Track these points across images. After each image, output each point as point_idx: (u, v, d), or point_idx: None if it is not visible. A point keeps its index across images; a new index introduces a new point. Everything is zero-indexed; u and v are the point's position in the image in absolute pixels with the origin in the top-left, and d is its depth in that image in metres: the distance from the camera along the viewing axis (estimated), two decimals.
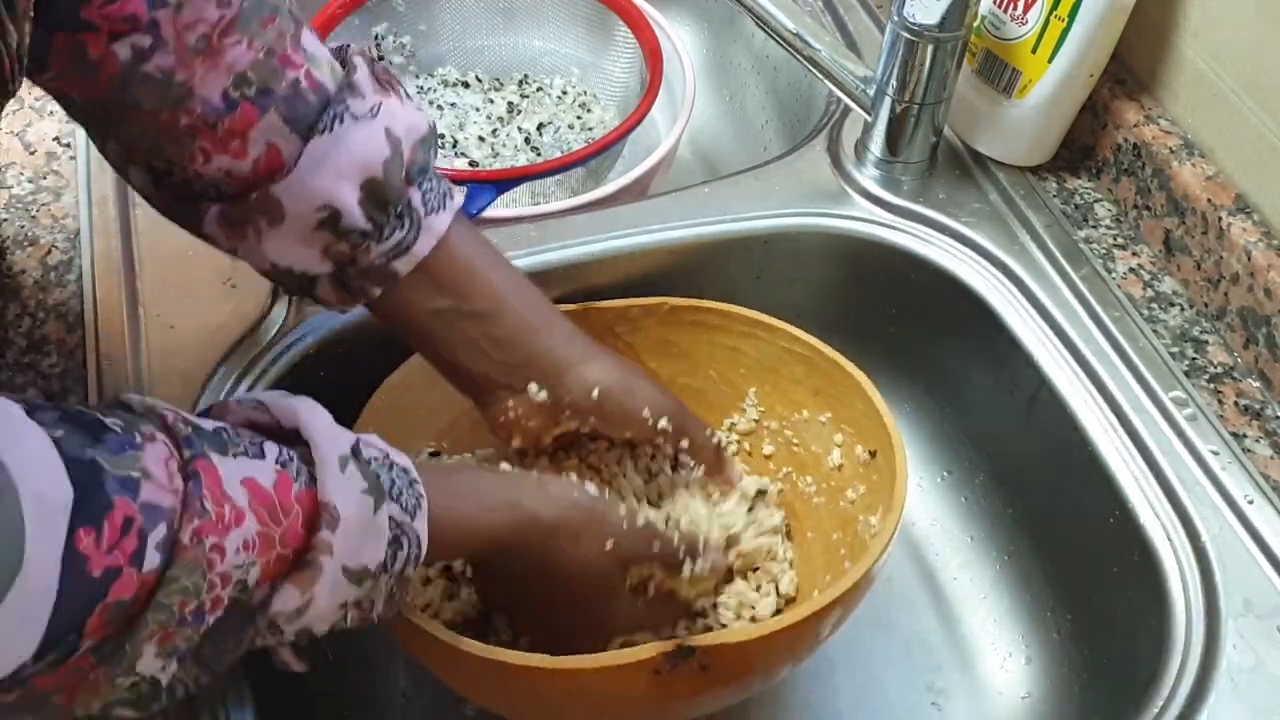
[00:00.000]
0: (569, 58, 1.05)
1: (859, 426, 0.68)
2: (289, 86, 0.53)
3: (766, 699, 0.74)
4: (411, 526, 0.47)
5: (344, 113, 0.54)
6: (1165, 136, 0.75)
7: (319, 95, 0.54)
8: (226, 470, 0.42)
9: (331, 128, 0.53)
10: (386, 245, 0.56)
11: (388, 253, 0.56)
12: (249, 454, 0.44)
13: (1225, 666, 0.58)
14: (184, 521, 0.39)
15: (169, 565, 0.39)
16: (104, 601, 0.37)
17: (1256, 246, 0.68)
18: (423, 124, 0.57)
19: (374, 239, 0.56)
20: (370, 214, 0.55)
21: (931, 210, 0.79)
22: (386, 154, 0.54)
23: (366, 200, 0.54)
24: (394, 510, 0.47)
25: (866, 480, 0.68)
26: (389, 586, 0.47)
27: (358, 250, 0.56)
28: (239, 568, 0.41)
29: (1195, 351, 0.71)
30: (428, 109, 1.02)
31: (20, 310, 0.70)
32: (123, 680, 0.39)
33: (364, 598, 0.46)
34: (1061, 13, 0.73)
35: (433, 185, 0.58)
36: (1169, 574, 0.63)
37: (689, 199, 0.79)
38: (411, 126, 0.56)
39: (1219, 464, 0.65)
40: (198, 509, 0.40)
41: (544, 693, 0.55)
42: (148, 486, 0.38)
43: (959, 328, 0.78)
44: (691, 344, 0.73)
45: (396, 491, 0.47)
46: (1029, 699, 0.74)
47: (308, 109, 0.54)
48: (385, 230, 0.56)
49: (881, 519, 0.63)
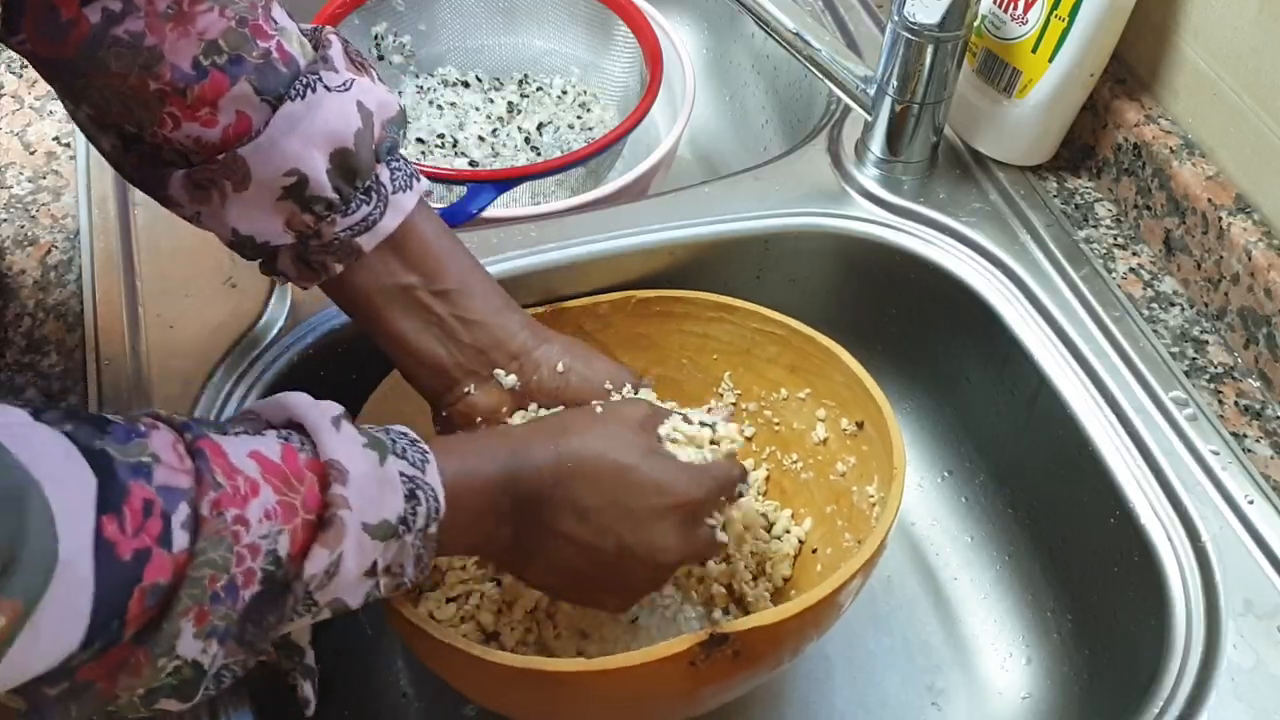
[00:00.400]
0: (569, 58, 1.05)
1: (841, 399, 0.69)
2: (260, 56, 0.53)
3: (767, 699, 0.74)
4: (424, 480, 0.47)
5: (316, 83, 0.54)
6: (1165, 136, 0.75)
7: (290, 67, 0.54)
8: (230, 446, 0.42)
9: (304, 95, 0.53)
10: (352, 219, 0.56)
11: (353, 227, 0.56)
12: (249, 433, 0.44)
13: (1225, 666, 0.58)
14: (200, 496, 0.40)
15: (194, 541, 0.39)
16: (140, 585, 0.37)
17: (1257, 246, 0.68)
18: (394, 104, 0.57)
19: (339, 211, 0.55)
20: (337, 185, 0.54)
21: (932, 210, 0.79)
22: (358, 126, 0.54)
23: (335, 170, 0.54)
24: (401, 465, 0.46)
25: (856, 451, 0.68)
26: (416, 547, 0.47)
27: (322, 223, 0.55)
28: (265, 538, 0.41)
29: (1195, 351, 0.71)
30: (428, 109, 1.02)
31: (20, 310, 0.70)
32: (164, 663, 0.40)
33: (392, 560, 0.46)
34: (1062, 12, 0.73)
35: (400, 166, 0.58)
36: (1169, 574, 0.63)
37: (689, 199, 0.79)
38: (383, 104, 0.56)
39: (1219, 464, 0.65)
40: (211, 482, 0.40)
41: (579, 695, 0.54)
42: (160, 470, 0.39)
43: (959, 328, 0.78)
44: (661, 334, 0.73)
45: (400, 448, 0.47)
46: (1029, 699, 0.74)
47: (279, 79, 0.54)
48: (351, 204, 0.55)
49: (883, 486, 0.63)
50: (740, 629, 0.52)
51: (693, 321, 0.72)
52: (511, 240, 0.75)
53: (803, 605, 0.54)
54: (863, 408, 0.66)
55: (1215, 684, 0.58)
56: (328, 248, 0.56)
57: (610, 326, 0.72)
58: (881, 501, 0.64)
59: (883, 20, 0.93)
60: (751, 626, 0.53)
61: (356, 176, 0.55)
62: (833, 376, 0.68)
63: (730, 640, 0.52)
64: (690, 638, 0.52)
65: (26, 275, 0.72)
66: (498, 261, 0.74)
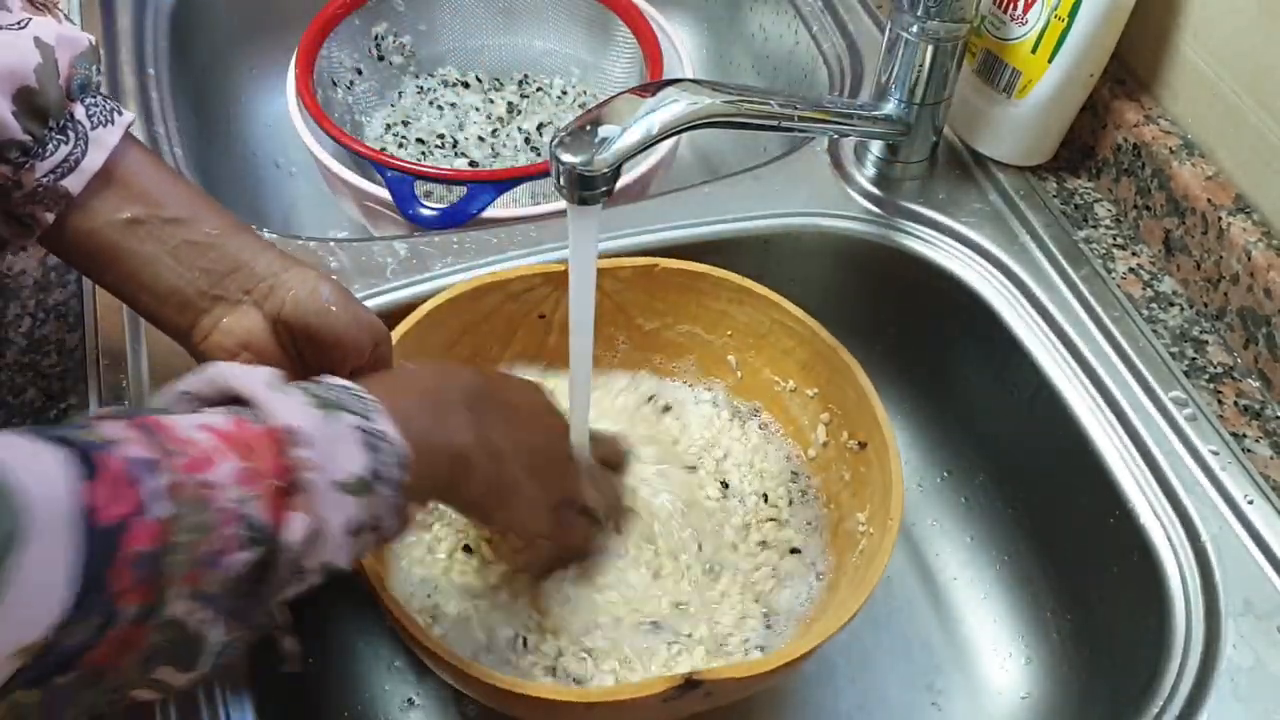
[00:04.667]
0: (569, 58, 1.05)
1: (848, 413, 0.68)
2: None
3: (767, 699, 0.74)
4: (375, 428, 0.45)
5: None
6: (1165, 136, 0.75)
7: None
8: (177, 422, 0.41)
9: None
10: (51, 162, 0.53)
11: (54, 170, 0.53)
12: (194, 411, 0.43)
13: (1225, 666, 0.58)
14: (167, 464, 0.38)
15: (172, 507, 0.38)
16: (120, 552, 0.36)
17: (1256, 246, 0.68)
18: (82, 40, 0.55)
19: (36, 156, 0.53)
20: (26, 126, 0.52)
21: (931, 210, 0.79)
22: (38, 61, 0.52)
23: (21, 111, 0.52)
24: (349, 418, 0.44)
25: (854, 469, 0.68)
26: (392, 500, 0.45)
27: (20, 171, 0.52)
28: (238, 501, 0.40)
29: (1195, 351, 0.71)
30: (428, 109, 1.02)
31: (20, 310, 0.70)
32: (157, 635, 0.39)
33: (370, 516, 0.44)
34: (1061, 13, 0.73)
35: (99, 103, 0.55)
36: (1169, 574, 0.63)
37: (689, 199, 0.79)
38: (67, 39, 0.54)
39: (1219, 464, 0.65)
40: (172, 451, 0.39)
41: (555, 715, 0.57)
42: (122, 445, 0.38)
43: (959, 328, 0.78)
44: (679, 304, 0.73)
45: (344, 401, 0.45)
46: (1029, 699, 0.74)
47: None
48: (48, 145, 0.53)
49: (874, 523, 0.63)
50: (715, 677, 0.54)
51: (712, 299, 0.72)
52: (511, 240, 0.75)
53: (781, 660, 0.55)
54: (868, 431, 0.66)
55: (1215, 684, 0.58)
56: (33, 197, 0.53)
57: (629, 290, 0.72)
58: (869, 536, 0.64)
59: (883, 20, 0.93)
60: (725, 677, 0.54)
61: (48, 115, 0.53)
62: (844, 389, 0.68)
63: (703, 685, 0.54)
64: (665, 680, 0.53)
65: (26, 275, 0.72)
66: (498, 262, 0.74)
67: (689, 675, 0.53)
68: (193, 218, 0.56)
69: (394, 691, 0.73)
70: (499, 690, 0.54)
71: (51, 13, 0.54)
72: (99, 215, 0.54)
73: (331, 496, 0.42)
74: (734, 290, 0.71)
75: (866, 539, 0.64)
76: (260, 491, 0.41)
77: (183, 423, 0.41)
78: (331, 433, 0.43)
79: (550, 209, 0.80)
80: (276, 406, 0.43)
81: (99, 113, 0.55)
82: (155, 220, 0.55)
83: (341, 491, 0.43)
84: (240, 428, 0.42)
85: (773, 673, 0.55)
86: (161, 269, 0.55)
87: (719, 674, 0.54)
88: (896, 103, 0.75)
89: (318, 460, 0.42)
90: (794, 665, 0.56)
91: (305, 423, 0.42)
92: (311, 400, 0.44)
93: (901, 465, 0.62)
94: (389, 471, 0.45)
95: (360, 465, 0.44)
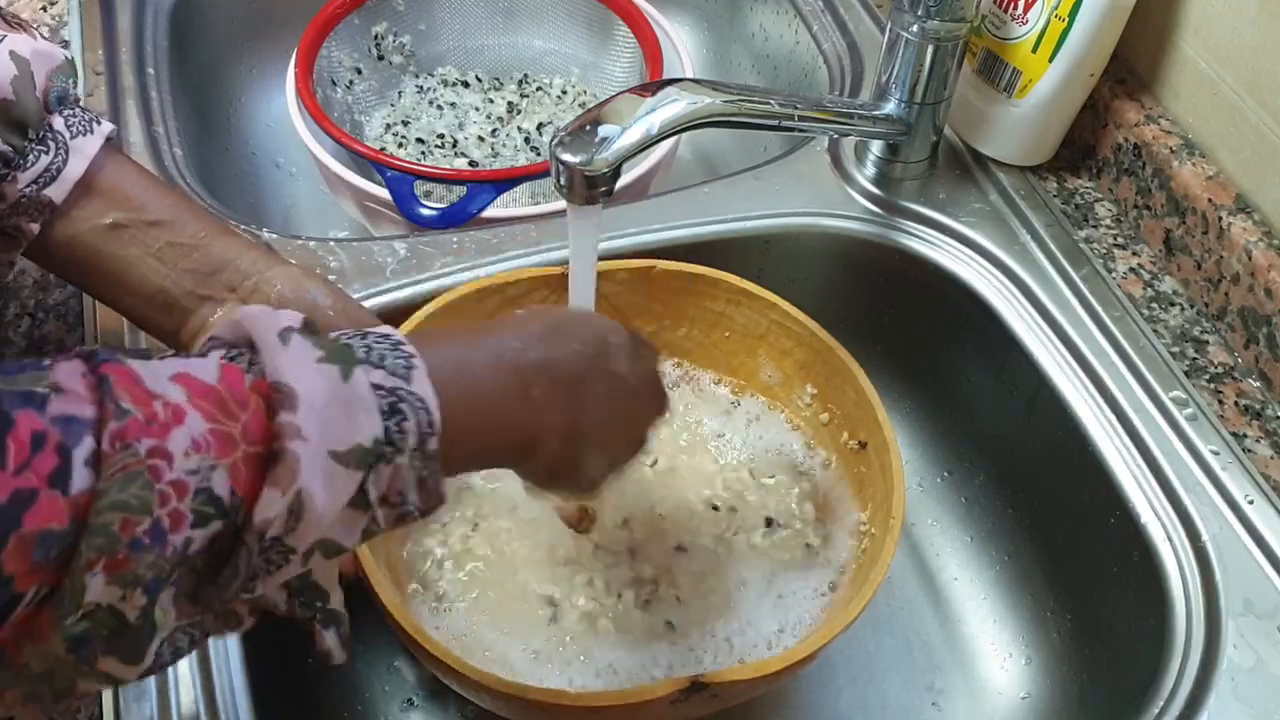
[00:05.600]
0: (569, 58, 1.05)
1: (848, 414, 0.68)
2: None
3: (767, 700, 0.74)
4: (409, 390, 0.40)
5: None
6: (1165, 136, 0.75)
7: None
8: (148, 370, 0.36)
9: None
10: (32, 172, 0.53)
11: (35, 180, 0.54)
12: (184, 357, 0.39)
13: (1225, 666, 0.58)
14: (105, 426, 0.34)
15: (97, 480, 0.34)
16: (19, 532, 0.32)
17: (1257, 246, 0.68)
18: (58, 55, 0.55)
19: (17, 167, 0.53)
20: (6, 138, 0.52)
21: (932, 210, 0.79)
22: (14, 73, 0.52)
23: (0, 123, 0.52)
24: (376, 376, 0.39)
25: (854, 469, 0.68)
26: (415, 470, 0.40)
27: (3, 184, 0.53)
28: (194, 473, 0.35)
29: (1195, 351, 0.71)
30: (428, 109, 1.02)
31: (20, 310, 0.70)
32: (71, 621, 0.34)
33: (387, 489, 0.40)
34: (1062, 12, 0.73)
35: (77, 114, 0.56)
36: (1169, 574, 0.63)
37: (689, 199, 0.79)
38: (43, 54, 0.54)
39: (1219, 464, 0.65)
40: (113, 411, 0.34)
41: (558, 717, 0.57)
42: (57, 400, 0.34)
43: (959, 328, 0.78)
44: (677, 306, 0.73)
45: (377, 356, 0.40)
46: (1029, 699, 0.74)
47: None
48: (28, 156, 0.53)
49: (876, 524, 0.63)
50: (720, 680, 0.54)
51: (711, 300, 0.72)
52: (511, 240, 0.75)
53: (788, 661, 0.55)
54: (868, 431, 0.66)
55: (1215, 684, 0.58)
56: (16, 209, 0.54)
57: (627, 292, 0.72)
58: (871, 536, 0.64)
59: (883, 20, 0.93)
60: (731, 679, 0.55)
61: (27, 127, 0.53)
62: (844, 390, 0.68)
63: (709, 687, 0.54)
64: (671, 683, 0.54)
65: (26, 275, 0.72)
66: (498, 261, 0.74)
67: (695, 678, 0.54)
68: (176, 220, 0.56)
69: (394, 691, 0.73)
70: (502, 694, 0.54)
71: (27, 30, 0.55)
72: (82, 222, 0.55)
73: (323, 467, 0.37)
74: (732, 291, 0.71)
75: (869, 539, 0.64)
76: (229, 458, 0.36)
77: (154, 371, 0.36)
78: (339, 394, 0.38)
79: (550, 209, 0.80)
80: (279, 359, 0.38)
81: (78, 123, 0.55)
82: (138, 224, 0.55)
83: (340, 463, 0.38)
84: (227, 382, 0.37)
85: (779, 674, 0.55)
86: (146, 271, 0.55)
87: (725, 676, 0.55)
88: (897, 102, 0.75)
89: (310, 427, 0.37)
90: (801, 665, 0.56)
91: (304, 382, 0.38)
92: (327, 354, 0.39)
93: (903, 464, 0.62)
94: (409, 441, 0.39)
95: (369, 433, 0.39)
